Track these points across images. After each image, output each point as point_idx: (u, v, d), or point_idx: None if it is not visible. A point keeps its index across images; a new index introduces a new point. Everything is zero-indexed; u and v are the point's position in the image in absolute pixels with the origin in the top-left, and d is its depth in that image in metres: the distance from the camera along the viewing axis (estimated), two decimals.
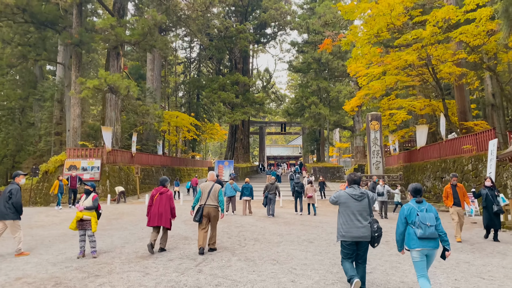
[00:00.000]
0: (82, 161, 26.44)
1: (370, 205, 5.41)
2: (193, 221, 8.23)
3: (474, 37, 17.10)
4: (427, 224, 4.84)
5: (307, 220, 14.31)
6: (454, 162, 22.01)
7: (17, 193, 8.19)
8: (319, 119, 40.52)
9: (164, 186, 8.48)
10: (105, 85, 23.05)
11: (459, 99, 26.74)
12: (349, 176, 5.66)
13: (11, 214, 8.14)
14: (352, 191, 5.42)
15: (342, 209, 5.43)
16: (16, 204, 8.13)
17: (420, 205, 5.07)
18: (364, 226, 5.22)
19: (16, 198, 8.13)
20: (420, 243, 4.86)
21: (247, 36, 38.89)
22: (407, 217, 5.05)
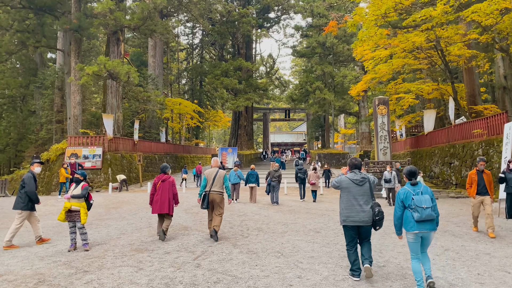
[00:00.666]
0: (84, 149, 26.06)
1: (371, 189, 5.45)
2: (201, 208, 8.20)
3: (486, 16, 16.28)
4: (423, 207, 4.87)
5: (313, 208, 13.82)
6: (464, 147, 21.37)
7: (29, 182, 7.81)
8: (324, 105, 39.78)
9: (166, 173, 8.40)
10: (105, 71, 22.48)
11: (468, 83, 25.97)
12: (350, 161, 5.68)
13: (20, 203, 7.79)
14: (353, 176, 5.45)
15: (343, 194, 5.48)
16: (29, 193, 7.76)
17: (415, 188, 5.08)
18: (365, 211, 5.27)
19: (29, 187, 7.76)
20: (417, 226, 4.91)
21: (250, 21, 37.98)
22: (403, 200, 5.09)
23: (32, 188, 7.78)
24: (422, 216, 4.85)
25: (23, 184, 7.83)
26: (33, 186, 7.79)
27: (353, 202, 5.34)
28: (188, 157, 43.78)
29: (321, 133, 48.03)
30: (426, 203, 4.91)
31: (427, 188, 5.13)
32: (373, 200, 5.41)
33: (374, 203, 5.36)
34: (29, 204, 7.81)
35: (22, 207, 7.77)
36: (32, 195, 7.80)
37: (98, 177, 25.67)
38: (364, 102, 52.11)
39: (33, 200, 7.85)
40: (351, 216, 5.31)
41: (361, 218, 5.26)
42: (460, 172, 21.69)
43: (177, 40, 55.64)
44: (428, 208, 4.88)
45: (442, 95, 27.82)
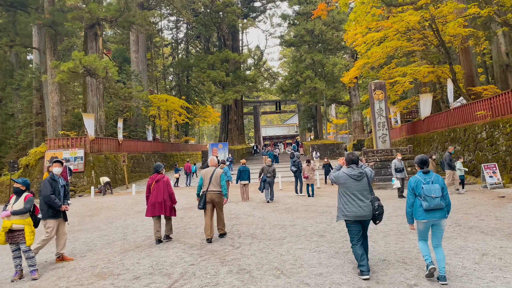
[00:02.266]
0: (64, 151, 24.55)
1: (369, 183, 5.42)
2: (198, 208, 7.92)
3: None
4: (432, 196, 4.90)
5: (312, 205, 12.52)
6: (465, 130, 20.24)
7: (44, 186, 6.76)
8: (315, 94, 38.45)
9: (159, 172, 8.05)
10: (81, 67, 20.92)
11: (465, 63, 24.85)
12: (347, 156, 5.61)
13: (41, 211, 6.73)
14: (351, 171, 5.40)
15: (342, 189, 5.44)
16: (44, 198, 6.67)
17: (426, 177, 5.10)
18: (366, 205, 5.25)
19: (43, 192, 6.70)
20: (426, 214, 4.95)
21: (234, 10, 36.38)
22: (414, 189, 5.12)
23: (47, 192, 6.63)
24: (430, 206, 4.88)
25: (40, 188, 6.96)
26: (48, 190, 6.65)
27: (352, 197, 5.28)
28: (177, 155, 42.28)
29: (313, 124, 46.77)
30: (435, 192, 4.91)
31: (438, 177, 5.11)
32: (372, 194, 5.37)
33: (374, 198, 5.33)
34: (49, 211, 6.69)
35: (43, 215, 6.70)
36: (47, 200, 6.65)
37: (80, 180, 24.17)
38: (356, 91, 50.94)
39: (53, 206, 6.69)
40: (353, 211, 5.24)
41: (363, 212, 5.22)
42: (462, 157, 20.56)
43: (161, 35, 53.92)
44: (437, 198, 4.89)
45: (438, 78, 26.65)
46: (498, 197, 12.18)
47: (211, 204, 7.81)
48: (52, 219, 6.71)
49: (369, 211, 5.23)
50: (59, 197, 6.74)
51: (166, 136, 49.92)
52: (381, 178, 17.51)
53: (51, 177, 6.82)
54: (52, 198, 6.60)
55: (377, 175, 17.64)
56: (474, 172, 19.23)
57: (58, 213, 6.77)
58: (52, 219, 6.71)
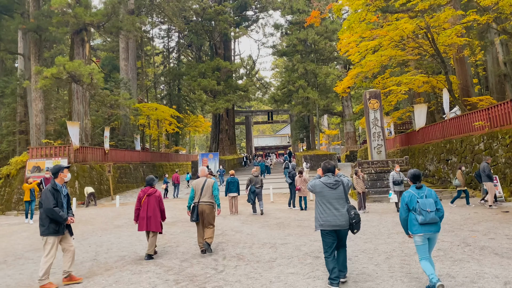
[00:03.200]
0: (47, 161, 23.53)
1: (345, 192, 5.34)
2: (190, 221, 7.72)
3: None
4: (427, 210, 4.96)
5: (305, 219, 11.70)
6: (462, 142, 19.65)
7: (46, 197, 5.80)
8: (308, 104, 37.82)
9: (152, 186, 7.82)
10: (65, 73, 20.04)
11: (460, 74, 24.44)
12: (323, 165, 5.57)
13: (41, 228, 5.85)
14: (327, 180, 5.35)
15: (318, 198, 5.38)
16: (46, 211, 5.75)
17: (420, 192, 5.16)
18: (341, 214, 5.17)
19: (45, 204, 5.76)
20: (422, 228, 4.99)
21: (226, 18, 35.79)
22: (408, 203, 5.17)
23: (49, 204, 5.72)
24: (426, 219, 4.94)
25: (41, 200, 5.89)
26: (51, 201, 5.73)
27: (328, 206, 5.22)
28: (167, 165, 41.28)
29: (306, 134, 46.04)
30: (430, 206, 4.99)
31: (431, 191, 5.19)
32: (347, 203, 5.31)
33: (349, 206, 5.26)
34: (51, 227, 5.79)
35: (43, 231, 5.80)
36: (50, 214, 5.74)
37: None
38: (348, 101, 50.54)
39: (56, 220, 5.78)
40: (328, 220, 5.17)
41: (338, 222, 5.14)
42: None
43: (152, 44, 53.24)
44: (432, 212, 4.97)
45: (433, 88, 26.19)
46: (502, 212, 11.48)
47: (202, 215, 7.55)
48: (53, 236, 5.84)
49: (344, 220, 5.14)
50: (63, 209, 5.89)
51: (156, 146, 48.91)
52: (377, 191, 16.78)
53: (53, 187, 5.87)
54: (57, 212, 5.72)
55: (372, 188, 16.91)
56: (471, 185, 18.61)
57: (60, 228, 5.89)
58: (53, 235, 5.84)
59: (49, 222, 5.78)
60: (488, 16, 15.17)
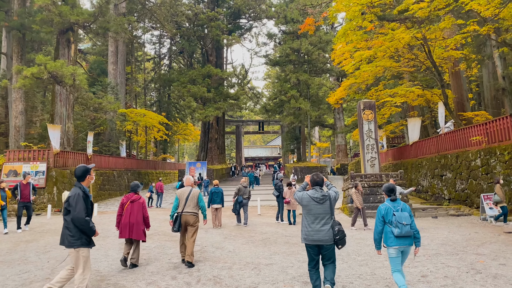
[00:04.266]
0: (24, 165, 22.36)
1: (331, 207, 5.27)
2: (172, 231, 7.49)
3: (487, 4, 13.95)
4: (403, 223, 5.05)
5: (293, 235, 10.77)
6: (457, 157, 18.98)
7: (76, 203, 4.84)
8: (300, 115, 37.13)
9: (136, 192, 7.47)
10: (46, 73, 19.02)
11: (455, 88, 23.96)
12: (312, 177, 5.44)
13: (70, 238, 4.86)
14: (314, 193, 5.26)
15: (304, 211, 5.32)
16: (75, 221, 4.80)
17: (395, 205, 5.26)
18: (324, 230, 5.09)
19: (76, 212, 4.80)
20: (397, 241, 5.08)
21: (219, 25, 35.05)
22: (384, 216, 5.25)
23: (82, 214, 4.80)
24: (402, 232, 5.01)
25: (68, 206, 4.87)
26: (83, 210, 4.82)
27: (313, 220, 5.16)
28: (153, 173, 40.13)
29: (297, 145, 45.33)
30: (406, 219, 5.08)
31: (405, 205, 5.27)
32: (332, 219, 5.24)
33: (334, 222, 5.20)
34: (83, 237, 4.90)
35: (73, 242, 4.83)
36: (81, 225, 4.83)
37: (40, 197, 21.92)
38: (340, 114, 50.05)
39: (86, 232, 4.89)
40: (311, 235, 5.12)
41: (320, 237, 5.08)
42: (453, 185, 19.27)
43: (143, 50, 52.38)
44: (408, 225, 5.05)
45: (428, 101, 25.64)
46: (504, 232, 10.68)
47: (185, 226, 7.38)
48: (86, 247, 4.95)
49: (328, 236, 5.05)
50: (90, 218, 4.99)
51: (144, 153, 47.72)
52: (370, 206, 15.93)
53: (84, 191, 4.95)
54: (88, 223, 4.82)
55: (365, 202, 16.05)
56: (467, 202, 17.91)
57: (91, 239, 5.03)
58: (86, 246, 4.95)
59: (80, 233, 4.87)
60: (488, 27, 14.58)
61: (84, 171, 5.07)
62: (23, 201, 12.93)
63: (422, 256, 7.54)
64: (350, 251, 8.35)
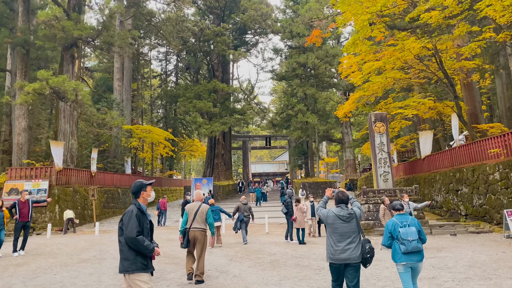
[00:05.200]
0: (26, 183, 21.91)
1: (358, 224, 5.14)
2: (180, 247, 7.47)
3: (503, 11, 13.33)
4: (408, 239, 5.02)
5: (304, 256, 9.99)
6: (474, 171, 18.14)
7: (128, 221, 4.38)
8: (307, 129, 36.46)
9: None
10: (48, 89, 18.65)
11: (468, 100, 23.21)
12: (337, 195, 5.33)
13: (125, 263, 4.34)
14: (340, 212, 5.12)
15: (330, 230, 5.15)
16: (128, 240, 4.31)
17: (403, 220, 5.25)
18: (351, 248, 4.95)
19: (127, 230, 4.32)
20: (405, 257, 5.06)
21: (224, 40, 34.82)
22: (391, 232, 5.25)
23: (132, 231, 4.29)
24: (408, 249, 5.01)
25: (122, 225, 4.43)
26: (134, 228, 4.31)
27: (339, 238, 4.98)
28: (159, 190, 39.44)
29: (304, 161, 44.56)
30: (412, 235, 5.05)
31: (414, 220, 5.27)
32: (362, 236, 5.10)
33: (364, 240, 5.05)
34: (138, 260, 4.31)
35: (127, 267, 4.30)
36: (134, 244, 4.30)
37: (42, 216, 21.36)
38: (348, 128, 49.29)
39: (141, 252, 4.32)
40: (337, 253, 4.94)
41: (348, 255, 4.90)
42: (470, 200, 18.37)
43: (150, 67, 52.38)
44: (414, 241, 5.02)
45: (440, 114, 24.87)
46: None
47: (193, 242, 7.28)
48: (145, 273, 4.35)
49: (355, 254, 4.91)
50: (148, 237, 4.50)
51: (150, 170, 47.16)
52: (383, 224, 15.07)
53: (139, 208, 4.47)
54: (140, 241, 4.28)
55: (378, 219, 15.23)
56: (486, 218, 16.99)
57: (149, 263, 4.44)
58: (144, 272, 4.34)
59: (135, 254, 4.33)
60: (505, 34, 13.93)
61: (138, 187, 4.57)
62: (21, 220, 12.13)
63: (451, 281, 6.75)
64: (368, 274, 7.58)
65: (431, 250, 10.35)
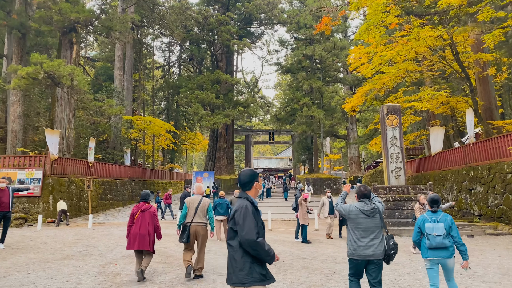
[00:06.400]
0: (19, 171, 20.99)
1: (382, 219, 4.95)
2: (179, 242, 7.03)
3: None
4: (433, 235, 4.92)
5: (312, 257, 9.00)
6: (490, 169, 17.08)
7: (244, 220, 3.52)
8: (312, 124, 35.39)
9: (147, 201, 7.20)
10: (42, 73, 17.66)
11: (483, 94, 22.18)
12: (359, 189, 5.05)
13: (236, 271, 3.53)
14: (363, 206, 4.90)
15: (352, 225, 4.94)
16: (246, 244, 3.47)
17: (433, 216, 5.11)
18: (374, 244, 4.77)
19: (244, 232, 3.45)
20: (430, 252, 4.98)
21: (229, 29, 33.68)
22: (420, 227, 5.18)
23: (251, 232, 3.42)
24: (432, 244, 4.91)
25: (234, 225, 3.54)
26: (253, 228, 3.45)
27: (362, 234, 4.80)
28: (159, 183, 38.59)
29: (308, 156, 43.52)
30: (437, 231, 4.93)
31: (446, 216, 5.09)
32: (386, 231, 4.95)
33: (388, 235, 4.91)
34: (255, 270, 3.44)
35: (242, 277, 3.42)
36: (251, 247, 3.41)
37: (35, 207, 20.43)
38: (353, 125, 48.21)
39: (261, 258, 3.46)
40: (360, 249, 4.76)
41: (372, 252, 4.74)
42: (485, 200, 17.32)
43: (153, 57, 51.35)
44: (439, 236, 4.89)
45: (452, 109, 23.77)
46: None
47: (195, 237, 6.99)
48: (261, 285, 3.48)
49: (379, 251, 4.74)
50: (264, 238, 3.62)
51: (151, 162, 46.27)
52: (395, 222, 14.06)
53: (253, 203, 3.66)
54: (261, 245, 3.40)
55: (390, 218, 14.23)
56: (502, 219, 15.96)
57: (268, 271, 3.56)
58: (263, 284, 3.46)
59: (251, 262, 3.43)
60: None
61: (251, 176, 3.69)
62: (1, 210, 11.16)
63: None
64: (388, 282, 6.58)
65: None
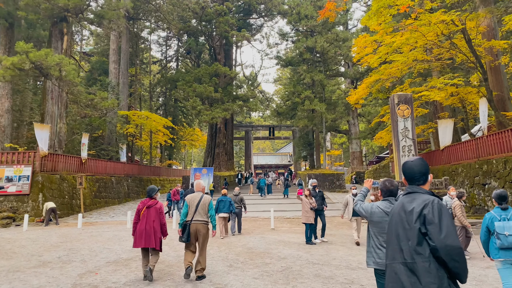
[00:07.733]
0: (7, 168, 19.94)
1: None
2: (179, 241, 6.83)
3: None
4: (505, 234, 4.65)
5: (322, 262, 7.89)
6: (506, 162, 15.99)
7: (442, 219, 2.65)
8: (314, 118, 34.26)
9: (152, 197, 6.90)
10: (28, 63, 16.51)
11: (495, 84, 21.02)
12: (384, 185, 4.19)
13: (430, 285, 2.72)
14: (389, 207, 4.08)
15: (375, 229, 4.23)
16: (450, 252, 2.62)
17: (503, 213, 4.83)
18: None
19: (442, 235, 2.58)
20: (502, 253, 4.73)
21: (227, 20, 32.47)
22: (488, 226, 4.92)
23: (454, 236, 2.59)
24: (504, 244, 4.65)
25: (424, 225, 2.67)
26: (453, 229, 2.65)
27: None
28: (157, 180, 37.52)
29: (310, 151, 42.38)
30: (509, 230, 4.66)
31: None
32: None
33: None
34: None
35: None
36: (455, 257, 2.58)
37: (23, 205, 19.37)
38: (355, 119, 47.11)
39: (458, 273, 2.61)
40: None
41: None
42: None
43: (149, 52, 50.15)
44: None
45: (462, 101, 22.66)
46: None
47: (195, 236, 6.75)
48: None
49: None
50: None
51: (148, 159, 45.19)
52: None
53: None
54: (463, 255, 2.60)
55: None
56: None
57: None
58: None
59: (446, 277, 2.67)
60: None
61: (426, 167, 2.97)
62: None
63: None
64: None
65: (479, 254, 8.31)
